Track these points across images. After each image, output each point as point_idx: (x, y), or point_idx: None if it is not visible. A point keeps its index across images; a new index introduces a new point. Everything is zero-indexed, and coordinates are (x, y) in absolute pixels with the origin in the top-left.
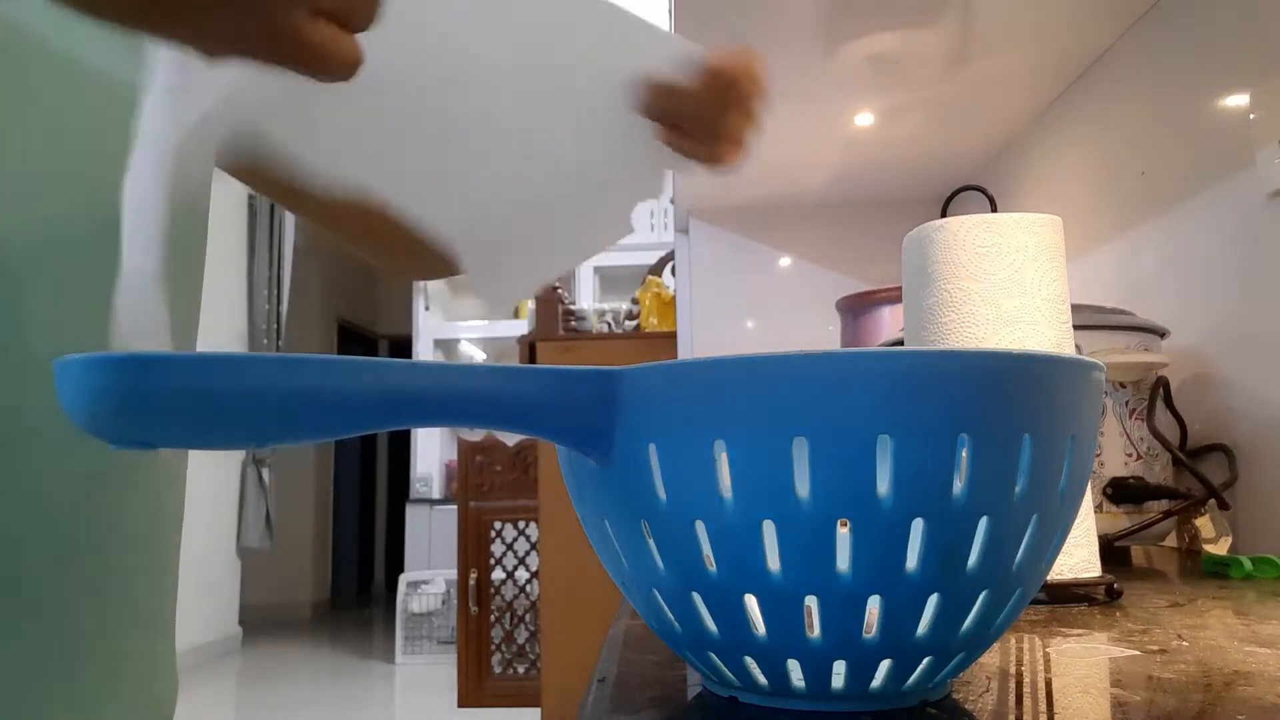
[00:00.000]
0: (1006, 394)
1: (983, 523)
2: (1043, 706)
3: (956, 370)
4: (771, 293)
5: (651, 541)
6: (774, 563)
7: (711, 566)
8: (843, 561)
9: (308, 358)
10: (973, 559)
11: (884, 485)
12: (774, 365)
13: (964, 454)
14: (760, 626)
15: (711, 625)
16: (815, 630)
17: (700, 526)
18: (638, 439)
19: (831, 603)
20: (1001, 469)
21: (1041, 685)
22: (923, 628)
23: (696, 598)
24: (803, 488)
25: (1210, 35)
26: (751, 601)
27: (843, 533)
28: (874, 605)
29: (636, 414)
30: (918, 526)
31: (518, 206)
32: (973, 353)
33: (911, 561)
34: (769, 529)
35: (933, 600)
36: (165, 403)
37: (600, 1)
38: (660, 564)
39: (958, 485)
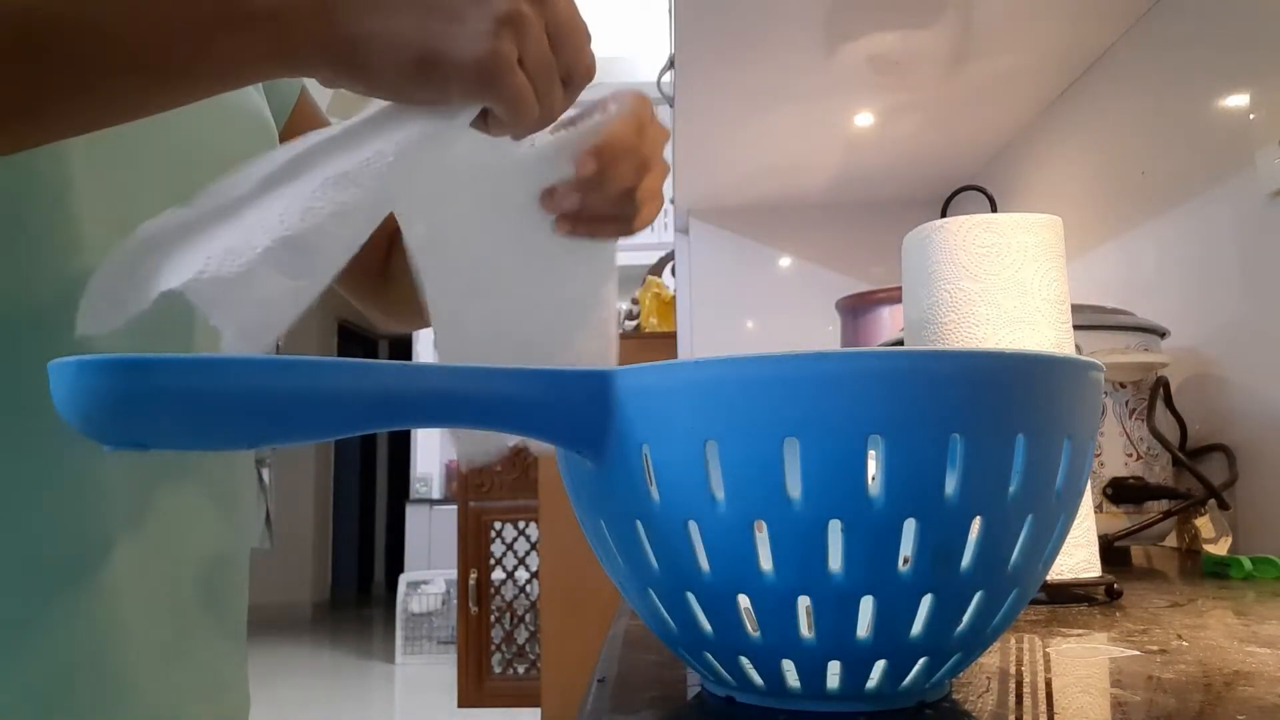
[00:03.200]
0: (998, 394)
1: (976, 523)
2: (1043, 707)
3: (947, 371)
4: (771, 293)
5: (646, 542)
6: (766, 563)
7: (705, 566)
8: (835, 562)
9: (299, 359)
10: (966, 559)
11: (875, 486)
12: (765, 366)
13: (957, 455)
14: (754, 626)
15: (706, 625)
16: (809, 630)
17: (693, 527)
18: (631, 440)
19: (824, 603)
20: (995, 470)
21: (1041, 685)
22: (917, 628)
23: (691, 598)
24: (794, 488)
25: (1210, 35)
26: (745, 601)
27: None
28: (867, 605)
29: (629, 415)
30: (910, 527)
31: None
32: (963, 353)
33: (904, 562)
34: (761, 529)
35: (927, 601)
36: (157, 404)
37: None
38: (655, 564)
39: (950, 486)
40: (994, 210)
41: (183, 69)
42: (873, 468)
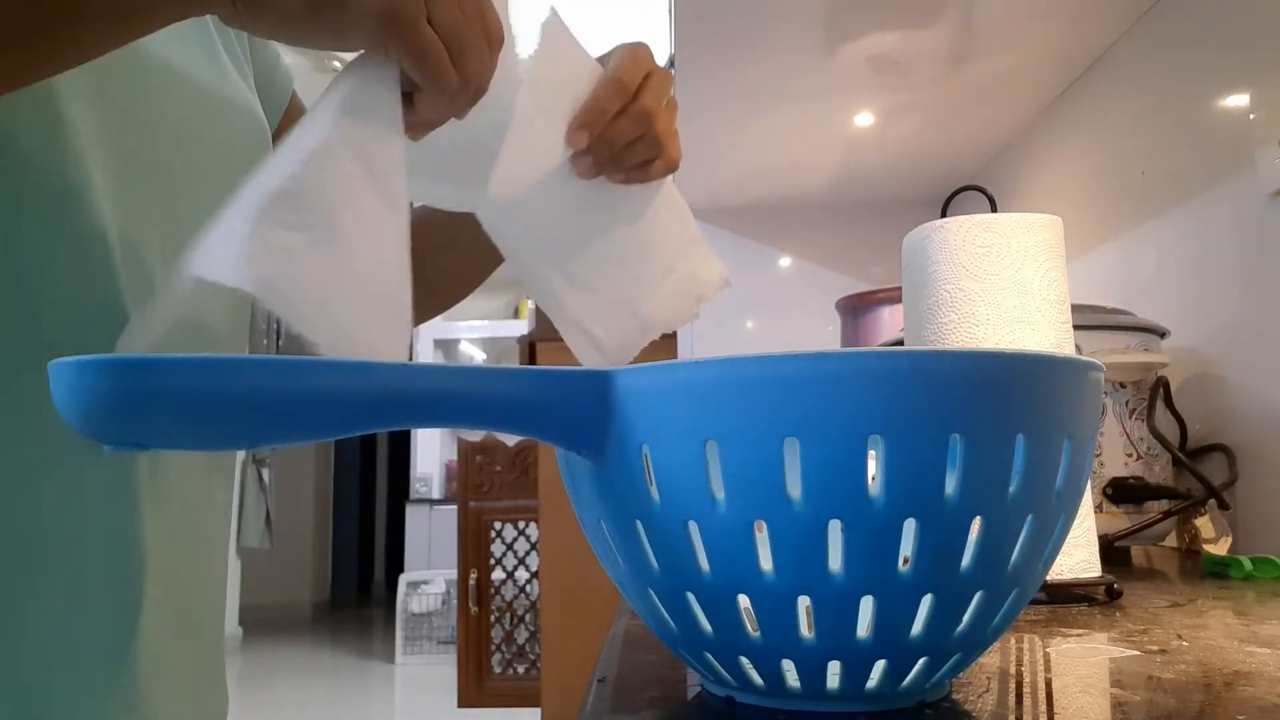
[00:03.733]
0: (998, 394)
1: (976, 523)
2: (1043, 706)
3: (947, 370)
4: (771, 293)
5: (646, 542)
6: (766, 563)
7: (705, 567)
8: (835, 562)
9: (299, 359)
10: (966, 560)
11: (875, 486)
12: (765, 366)
13: (956, 455)
14: (754, 626)
15: (706, 625)
16: (809, 630)
17: (693, 527)
18: (631, 440)
19: (824, 603)
20: (994, 469)
21: (1041, 685)
22: (917, 628)
23: (691, 598)
24: (794, 488)
25: (1210, 35)
26: (745, 602)
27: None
28: (867, 606)
29: (629, 415)
30: (910, 527)
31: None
32: (963, 353)
33: (904, 562)
34: (761, 529)
35: (926, 601)
36: (157, 404)
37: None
38: (655, 564)
39: (950, 486)
40: (994, 210)
41: (93, 16)
42: (873, 468)
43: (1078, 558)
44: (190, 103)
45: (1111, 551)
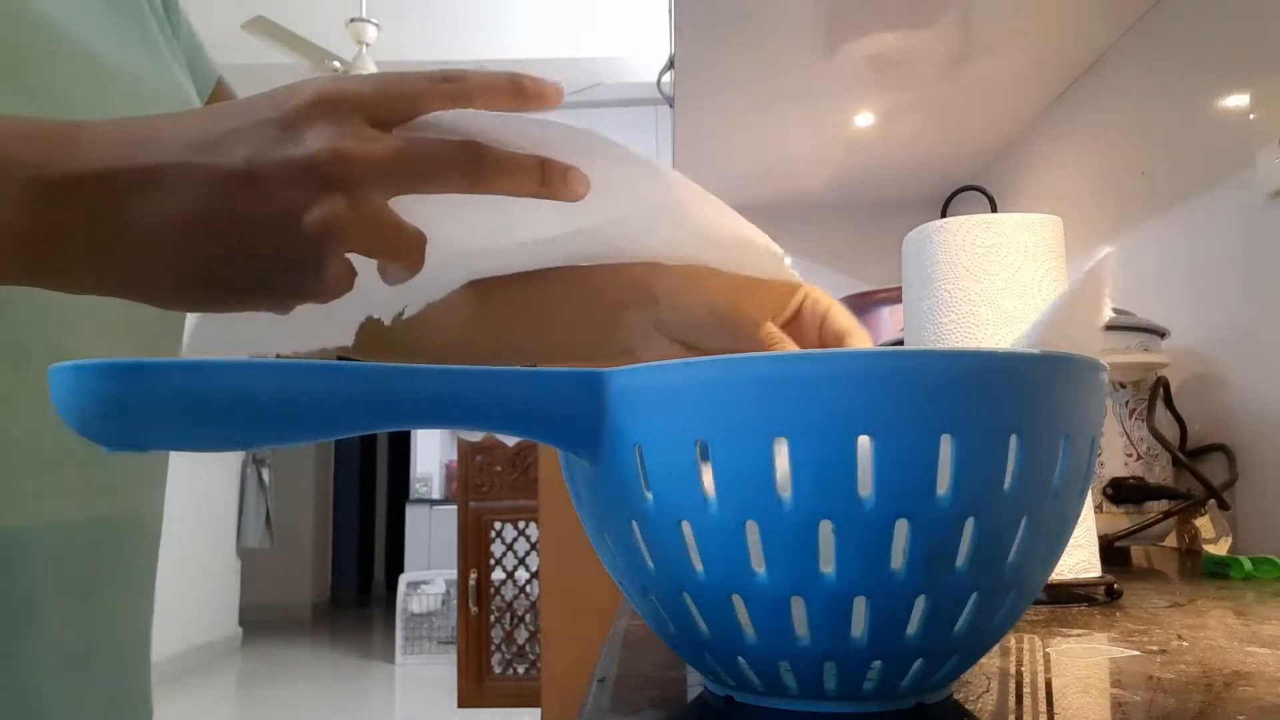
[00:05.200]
0: (989, 394)
1: (969, 524)
2: (1043, 706)
3: (935, 370)
4: None
5: (641, 542)
6: (758, 563)
7: (699, 567)
8: (826, 563)
9: (295, 363)
10: (960, 561)
11: (866, 486)
12: (754, 366)
13: (947, 455)
14: (749, 627)
15: (703, 626)
16: (804, 631)
17: (686, 527)
18: (624, 440)
19: (817, 604)
20: (987, 470)
21: (1041, 685)
22: (912, 629)
23: (687, 598)
24: (784, 488)
25: (1210, 35)
26: (739, 602)
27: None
28: (861, 607)
29: (622, 415)
30: (901, 528)
31: None
32: (950, 352)
33: (897, 563)
34: (752, 530)
35: (920, 602)
36: (154, 408)
37: None
38: (651, 565)
39: (941, 487)
40: (994, 210)
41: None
42: (864, 468)
43: (1078, 558)
44: (137, 100)
45: (1111, 551)
